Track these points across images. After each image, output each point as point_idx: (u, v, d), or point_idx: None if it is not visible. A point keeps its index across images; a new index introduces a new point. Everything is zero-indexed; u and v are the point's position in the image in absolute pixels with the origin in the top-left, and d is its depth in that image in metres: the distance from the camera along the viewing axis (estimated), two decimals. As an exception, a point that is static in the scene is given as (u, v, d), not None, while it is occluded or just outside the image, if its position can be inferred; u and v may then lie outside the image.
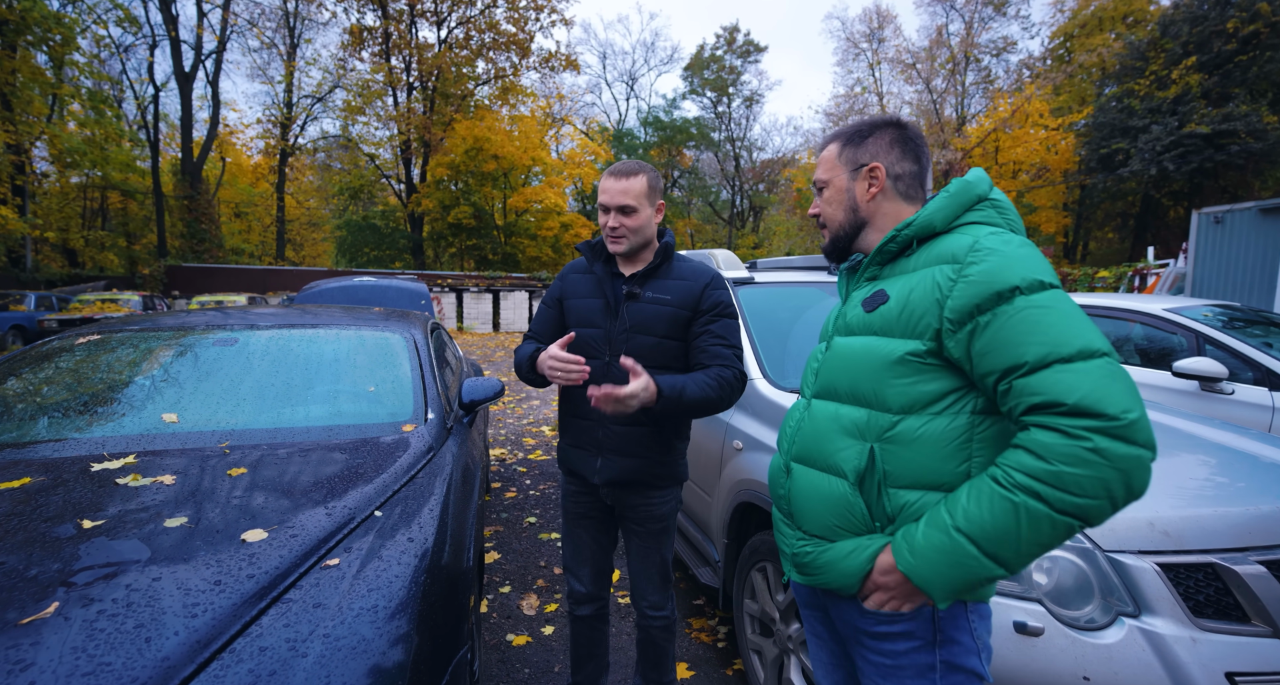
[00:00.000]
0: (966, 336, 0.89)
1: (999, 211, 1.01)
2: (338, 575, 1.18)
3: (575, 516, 1.73)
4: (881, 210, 1.08)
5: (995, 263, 0.88)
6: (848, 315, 1.09)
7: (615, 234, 1.56)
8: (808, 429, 1.09)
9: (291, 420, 1.89)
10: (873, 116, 1.12)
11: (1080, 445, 0.77)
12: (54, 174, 23.69)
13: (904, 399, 0.95)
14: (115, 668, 0.89)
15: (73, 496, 1.34)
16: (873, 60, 33.35)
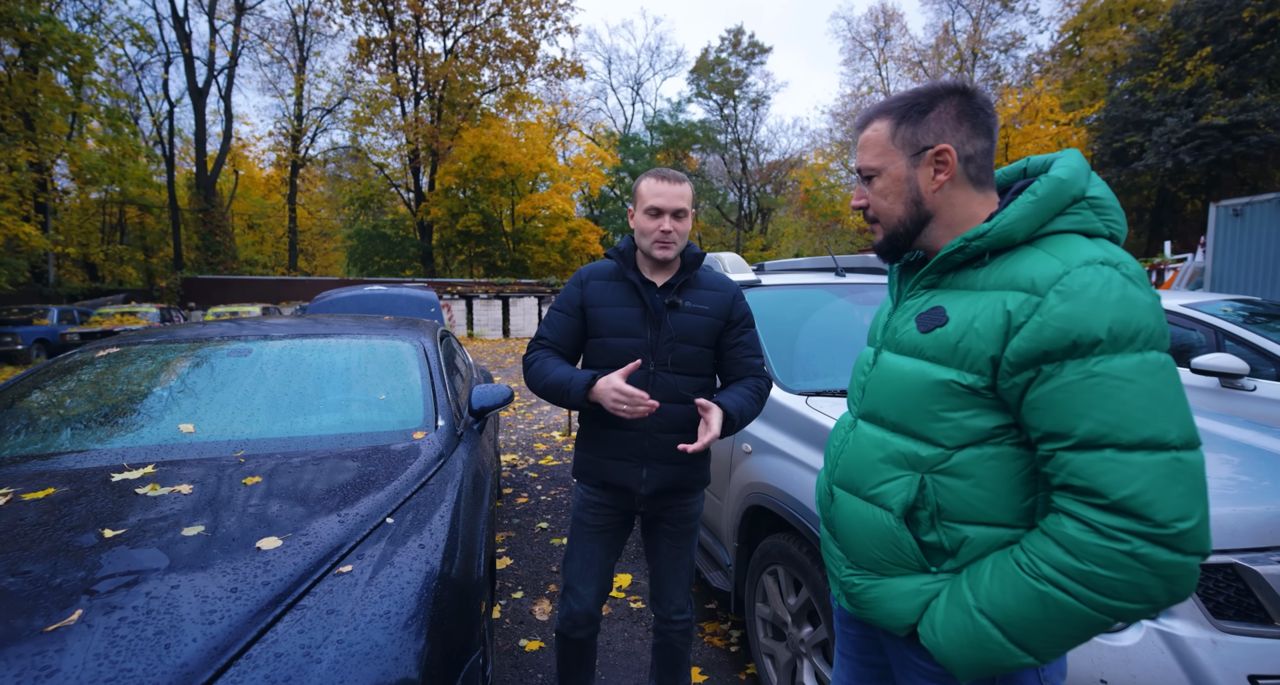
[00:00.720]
0: (1024, 384, 0.76)
1: (1098, 212, 0.82)
2: (351, 582, 1.20)
3: (593, 530, 1.67)
4: (950, 201, 0.89)
5: (1083, 305, 0.72)
6: (899, 330, 0.94)
7: (667, 239, 1.53)
8: (852, 453, 0.98)
9: (304, 429, 1.92)
10: (931, 83, 0.90)
11: (1117, 547, 0.69)
12: (74, 190, 24.24)
13: (956, 434, 0.83)
14: (136, 674, 0.91)
15: (95, 506, 1.37)
16: (879, 59, 33.26)
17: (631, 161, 36.00)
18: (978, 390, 0.81)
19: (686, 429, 1.57)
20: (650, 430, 1.57)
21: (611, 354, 1.56)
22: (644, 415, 1.41)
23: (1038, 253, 0.80)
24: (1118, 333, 0.71)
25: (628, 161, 35.94)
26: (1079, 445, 0.72)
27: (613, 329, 1.58)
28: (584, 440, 1.68)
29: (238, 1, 25.90)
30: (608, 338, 1.57)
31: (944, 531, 0.85)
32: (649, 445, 1.58)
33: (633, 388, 1.40)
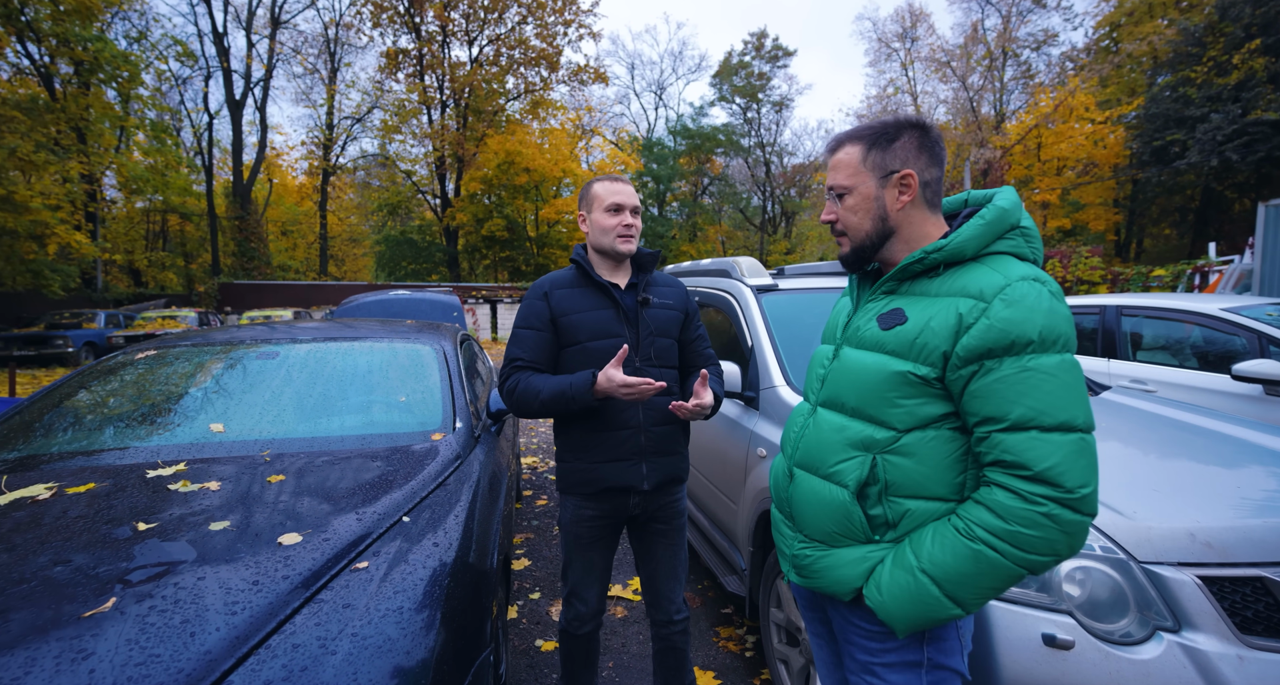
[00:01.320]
0: (968, 375, 0.92)
1: (1027, 240, 1.00)
2: (366, 577, 1.24)
3: (590, 541, 1.67)
4: (909, 219, 1.03)
5: (1021, 312, 0.88)
6: (861, 328, 1.08)
7: (629, 233, 1.60)
8: (812, 437, 1.11)
9: (328, 429, 1.98)
10: (893, 117, 1.05)
11: (1037, 509, 0.85)
12: (121, 200, 25.29)
13: (908, 419, 0.98)
14: (164, 659, 0.95)
15: (130, 501, 1.44)
16: (905, 60, 32.74)
17: (655, 166, 36.09)
18: (929, 381, 0.96)
19: (673, 420, 1.64)
20: (644, 425, 1.60)
21: (593, 358, 1.57)
22: (650, 396, 1.47)
23: (983, 268, 0.96)
24: (1046, 336, 0.88)
25: (651, 166, 36.03)
26: (1011, 427, 0.88)
27: (591, 333, 1.59)
28: (572, 450, 1.64)
29: (273, 16, 26.79)
30: (587, 343, 1.58)
31: (889, 505, 0.99)
32: (645, 440, 1.60)
33: (631, 377, 1.47)
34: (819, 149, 44.20)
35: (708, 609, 2.79)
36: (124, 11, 22.75)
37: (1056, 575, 1.33)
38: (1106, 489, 1.46)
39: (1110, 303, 4.62)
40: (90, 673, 0.91)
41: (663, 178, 36.26)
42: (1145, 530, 1.32)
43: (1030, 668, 1.25)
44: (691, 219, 38.66)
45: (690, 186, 39.80)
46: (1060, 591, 1.32)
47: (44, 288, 14.95)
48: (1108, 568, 1.30)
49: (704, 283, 3.33)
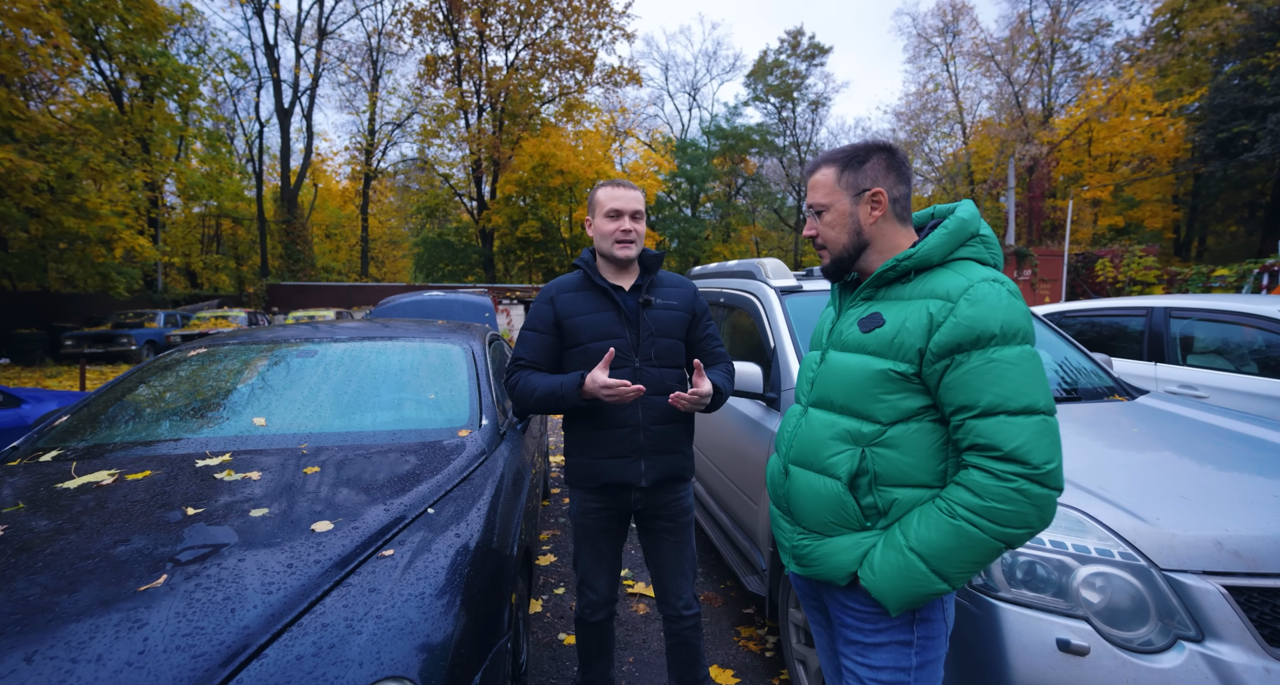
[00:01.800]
0: (942, 369, 1.01)
1: (986, 247, 1.11)
2: (391, 564, 1.31)
3: (597, 532, 1.76)
4: (882, 232, 1.14)
5: (983, 309, 0.98)
6: (844, 333, 1.17)
7: (628, 238, 1.65)
8: (804, 435, 1.18)
9: (361, 425, 2.08)
10: (863, 141, 1.16)
11: (1008, 485, 0.93)
12: (179, 206, 26.69)
13: (891, 412, 1.06)
14: (207, 631, 1.04)
15: (182, 488, 1.56)
16: (947, 55, 31.79)
17: (689, 167, 35.99)
18: (908, 376, 1.04)
19: (675, 419, 1.67)
20: (643, 424, 1.64)
21: (593, 358, 1.62)
22: (631, 399, 1.51)
23: (949, 272, 1.06)
24: (1006, 330, 0.98)
25: (684, 167, 35.96)
26: (982, 413, 0.97)
27: (593, 334, 1.65)
28: (576, 446, 1.74)
29: (320, 27, 27.84)
30: (588, 343, 1.64)
31: (878, 494, 1.07)
32: (644, 438, 1.65)
33: (615, 379, 1.51)
34: (856, 147, 43.27)
35: (729, 608, 2.81)
36: (185, 28, 24.05)
37: (1073, 580, 1.31)
38: (1130, 495, 1.42)
39: (1158, 304, 4.43)
40: (145, 641, 1.01)
41: (696, 178, 36.14)
42: (1168, 537, 1.29)
43: (1043, 673, 1.24)
44: (725, 219, 38.42)
45: (724, 187, 39.56)
46: (1077, 597, 1.30)
47: (111, 289, 15.90)
48: (1127, 574, 1.28)
49: (729, 284, 3.35)
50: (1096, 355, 2.77)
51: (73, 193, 13.55)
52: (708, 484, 3.23)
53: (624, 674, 2.29)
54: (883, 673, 1.08)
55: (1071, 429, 1.90)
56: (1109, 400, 2.29)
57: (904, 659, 1.08)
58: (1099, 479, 1.50)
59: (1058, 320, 5.02)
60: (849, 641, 1.14)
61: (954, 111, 31.80)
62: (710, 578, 3.15)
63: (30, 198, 12.48)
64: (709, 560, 3.36)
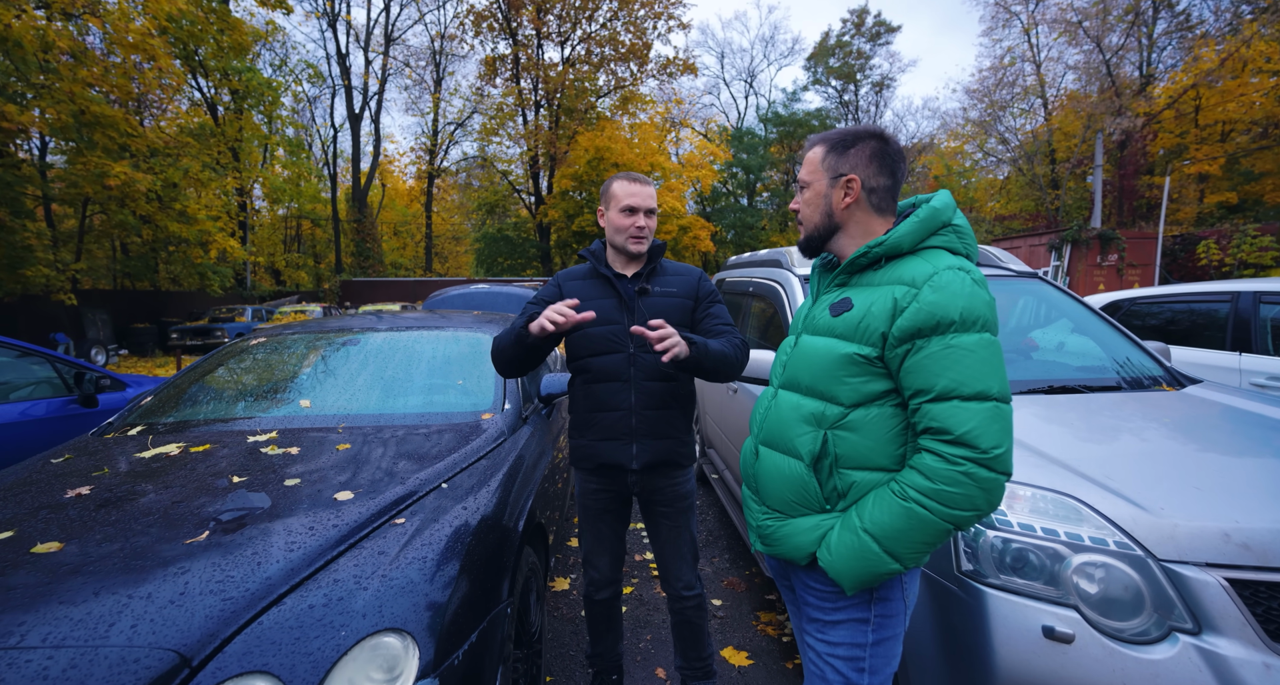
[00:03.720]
0: (903, 354, 1.02)
1: (959, 236, 1.11)
2: (401, 532, 1.45)
3: (597, 513, 1.83)
4: (854, 219, 1.15)
5: (945, 296, 0.99)
6: (816, 317, 1.19)
7: (641, 234, 1.71)
8: (773, 416, 1.21)
9: (393, 408, 2.26)
10: (858, 126, 1.17)
11: (956, 469, 0.95)
12: (265, 209, 28.87)
13: (854, 395, 1.08)
14: (236, 580, 1.20)
15: (232, 459, 1.76)
16: (1028, 24, 29.54)
17: (745, 156, 35.39)
18: (871, 360, 1.06)
19: (669, 405, 1.71)
20: (636, 408, 1.70)
21: (593, 342, 1.70)
22: (574, 320, 1.43)
23: (917, 260, 1.07)
24: (966, 317, 0.99)
25: (740, 156, 35.38)
26: (937, 398, 0.98)
27: (593, 319, 1.70)
28: (575, 428, 1.81)
29: (387, 33, 29.21)
30: (588, 328, 1.68)
31: (839, 477, 1.09)
32: (636, 422, 1.70)
33: (561, 304, 1.45)
34: (924, 129, 41.30)
35: (751, 593, 2.84)
36: (269, 43, 25.88)
37: (1066, 568, 1.27)
38: (1137, 484, 1.37)
39: (1246, 288, 4.04)
40: (185, 584, 1.18)
41: (753, 167, 35.48)
42: (1170, 527, 1.23)
43: (1027, 660, 1.22)
44: (782, 209, 37.53)
45: (781, 175, 38.63)
46: (1069, 585, 1.27)
47: (208, 287, 17.50)
48: (1122, 564, 1.24)
49: (757, 273, 3.34)
50: (1151, 344, 2.60)
51: (176, 200, 15.00)
52: (734, 471, 3.26)
53: (640, 650, 2.38)
54: (839, 648, 1.11)
55: (1099, 418, 1.82)
56: (1153, 390, 2.16)
57: (860, 636, 1.10)
58: (1108, 468, 1.44)
59: (1125, 309, 4.67)
60: (810, 619, 1.17)
61: (1034, 85, 29.53)
62: (736, 563, 3.18)
63: (143, 206, 13.92)
64: (736, 546, 3.39)
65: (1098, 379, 2.23)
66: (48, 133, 11.62)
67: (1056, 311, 2.73)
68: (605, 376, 1.70)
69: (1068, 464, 1.46)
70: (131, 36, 10.91)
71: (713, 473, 3.84)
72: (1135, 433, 1.69)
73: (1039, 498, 1.36)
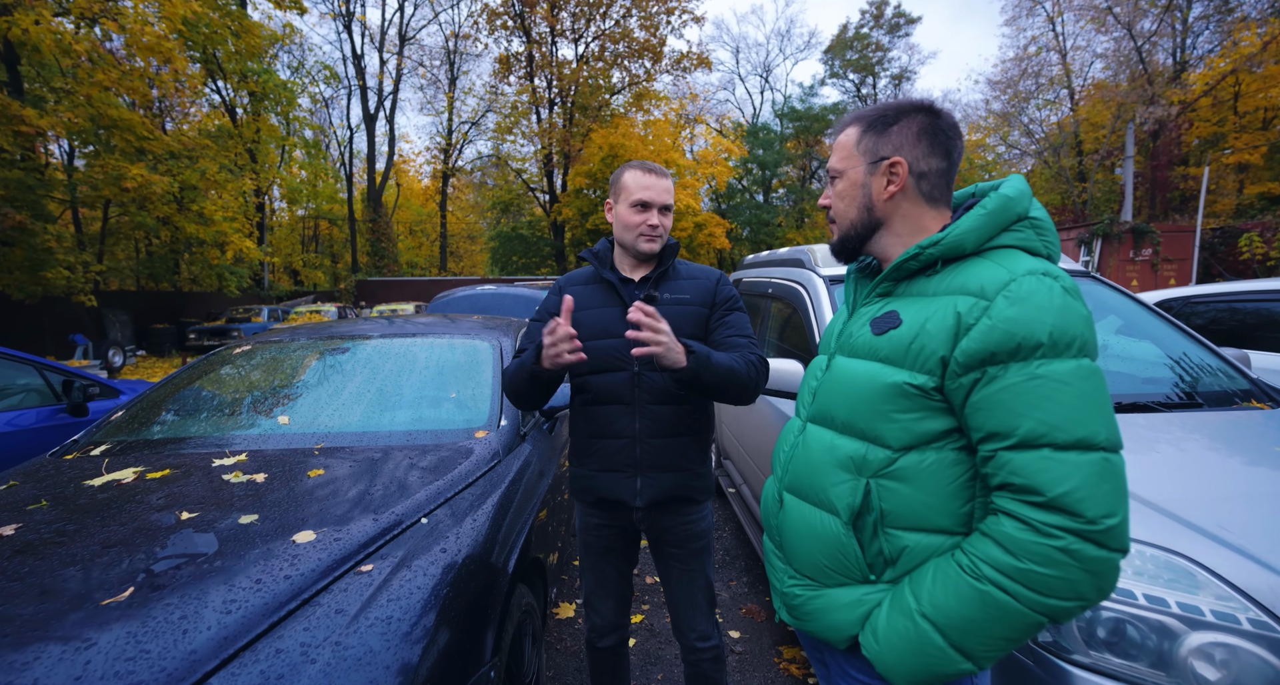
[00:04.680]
0: (969, 384, 0.80)
1: (1038, 232, 0.89)
2: (366, 582, 1.23)
3: (599, 551, 1.60)
4: (900, 212, 0.94)
5: (1028, 310, 0.77)
6: (854, 334, 0.97)
7: (654, 233, 1.47)
8: (801, 457, 1.00)
9: (378, 424, 2.05)
10: (902, 100, 0.96)
11: (1052, 543, 0.72)
12: (283, 210, 29.13)
13: (904, 436, 0.86)
14: (152, 655, 0.99)
15: (188, 489, 1.56)
16: (1053, 12, 28.61)
17: (760, 152, 34.90)
18: (927, 391, 0.84)
19: (681, 432, 1.47)
20: (641, 436, 1.46)
21: (593, 358, 1.45)
22: (562, 344, 1.23)
23: (985, 262, 0.85)
24: (1057, 338, 0.76)
25: (756, 152, 34.90)
26: (1019, 444, 0.75)
27: (592, 331, 1.47)
28: (576, 455, 1.59)
29: (401, 34, 29.28)
30: (588, 342, 1.45)
31: (886, 539, 0.87)
32: (641, 452, 1.46)
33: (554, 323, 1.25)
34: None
35: (772, 623, 2.60)
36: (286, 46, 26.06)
37: (1182, 648, 1.02)
38: (1266, 539, 1.10)
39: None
40: (86, 664, 0.97)
41: (768, 163, 34.98)
42: (1321, 603, 0.97)
43: (1132, 769, 0.97)
44: (799, 205, 36.98)
45: (798, 171, 38.08)
46: (1186, 671, 1.01)
47: (225, 288, 17.64)
48: (1259, 648, 0.97)
49: (778, 273, 3.09)
50: (1227, 350, 2.30)
51: (194, 202, 15.10)
52: (752, 486, 3.01)
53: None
54: None
55: (1187, 446, 1.54)
56: (1242, 408, 1.87)
57: None
58: (1220, 516, 1.17)
59: (1180, 308, 4.31)
60: None
61: (1060, 75, 28.65)
62: (755, 587, 2.94)
63: (160, 208, 14.03)
64: (755, 567, 3.15)
65: (1171, 393, 1.95)
66: (65, 136, 11.68)
67: (1115, 315, 2.44)
68: (606, 398, 1.48)
69: (1167, 509, 1.20)
70: (147, 38, 10.92)
71: (729, 486, 3.59)
72: (1243, 466, 1.41)
73: (1139, 555, 1.11)
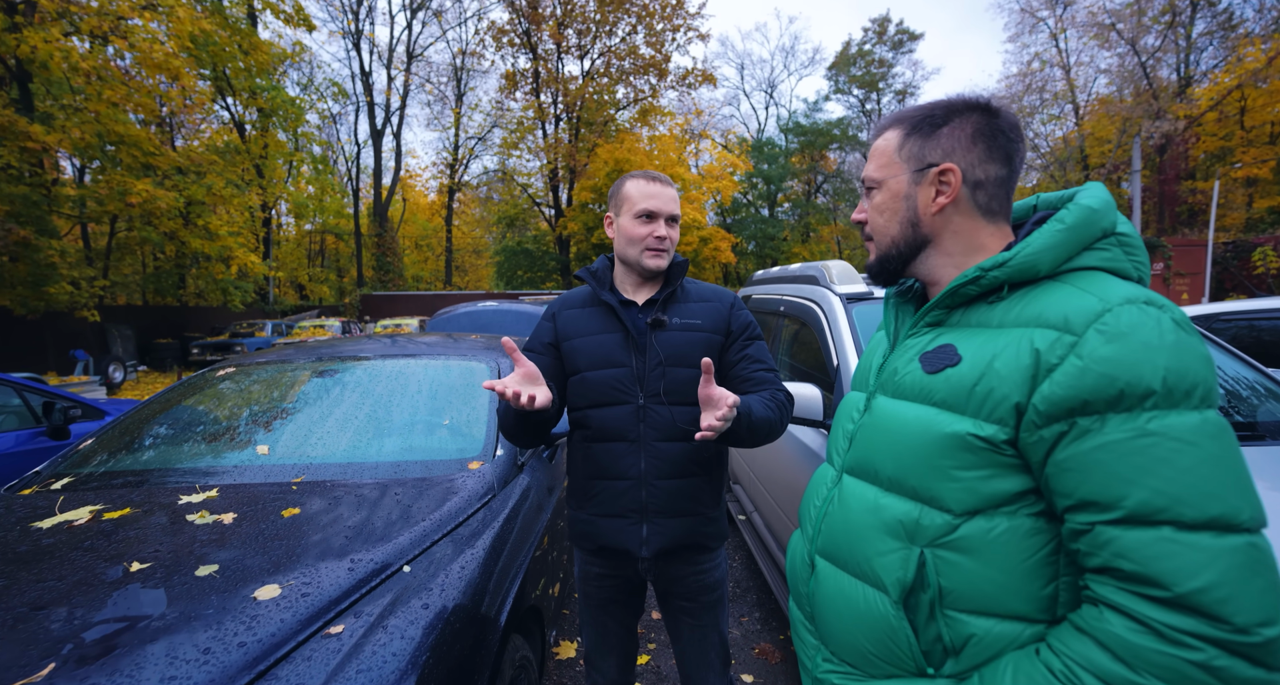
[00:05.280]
0: (1053, 438, 0.64)
1: (1127, 252, 0.73)
2: (335, 648, 1.08)
3: (600, 602, 1.45)
4: (951, 228, 0.80)
5: (1132, 348, 0.61)
6: (899, 371, 0.81)
7: (661, 246, 1.32)
8: (838, 516, 0.84)
9: (365, 455, 1.91)
10: (953, 97, 0.81)
11: (1185, 656, 0.55)
12: (290, 224, 29.30)
13: (969, 498, 0.70)
14: (69, 750, 0.84)
15: (144, 533, 1.41)
16: (1056, 28, 28.76)
17: (765, 167, 35.03)
18: (997, 445, 0.68)
19: (692, 473, 1.31)
20: (647, 477, 1.30)
21: (593, 390, 1.32)
22: (520, 406, 1.06)
23: (1066, 288, 0.70)
24: (1173, 385, 0.60)
25: (761, 167, 35.02)
26: (1128, 519, 0.59)
27: (591, 361, 1.33)
28: (574, 497, 1.43)
29: (409, 51, 29.64)
30: (586, 372, 1.33)
31: (946, 623, 0.71)
32: (647, 496, 1.30)
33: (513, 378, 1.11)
34: (949, 135, 40.29)
35: (789, 664, 2.41)
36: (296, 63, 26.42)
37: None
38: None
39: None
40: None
41: (774, 178, 35.07)
42: None
43: None
44: (804, 219, 37.00)
45: (803, 186, 38.17)
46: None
47: (229, 302, 17.63)
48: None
49: (790, 290, 2.94)
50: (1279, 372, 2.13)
51: (200, 216, 15.15)
52: (765, 518, 2.84)
53: (657, 749, 1.97)
54: None
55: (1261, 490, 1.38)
56: (1307, 440, 1.70)
57: None
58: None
59: (1205, 327, 4.14)
60: None
61: (1064, 90, 28.73)
62: (768, 623, 2.75)
63: (166, 223, 14.07)
64: (768, 601, 2.96)
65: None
66: (71, 152, 11.74)
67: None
68: (607, 434, 1.32)
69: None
70: (156, 55, 11.01)
71: (740, 513, 3.42)
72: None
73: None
